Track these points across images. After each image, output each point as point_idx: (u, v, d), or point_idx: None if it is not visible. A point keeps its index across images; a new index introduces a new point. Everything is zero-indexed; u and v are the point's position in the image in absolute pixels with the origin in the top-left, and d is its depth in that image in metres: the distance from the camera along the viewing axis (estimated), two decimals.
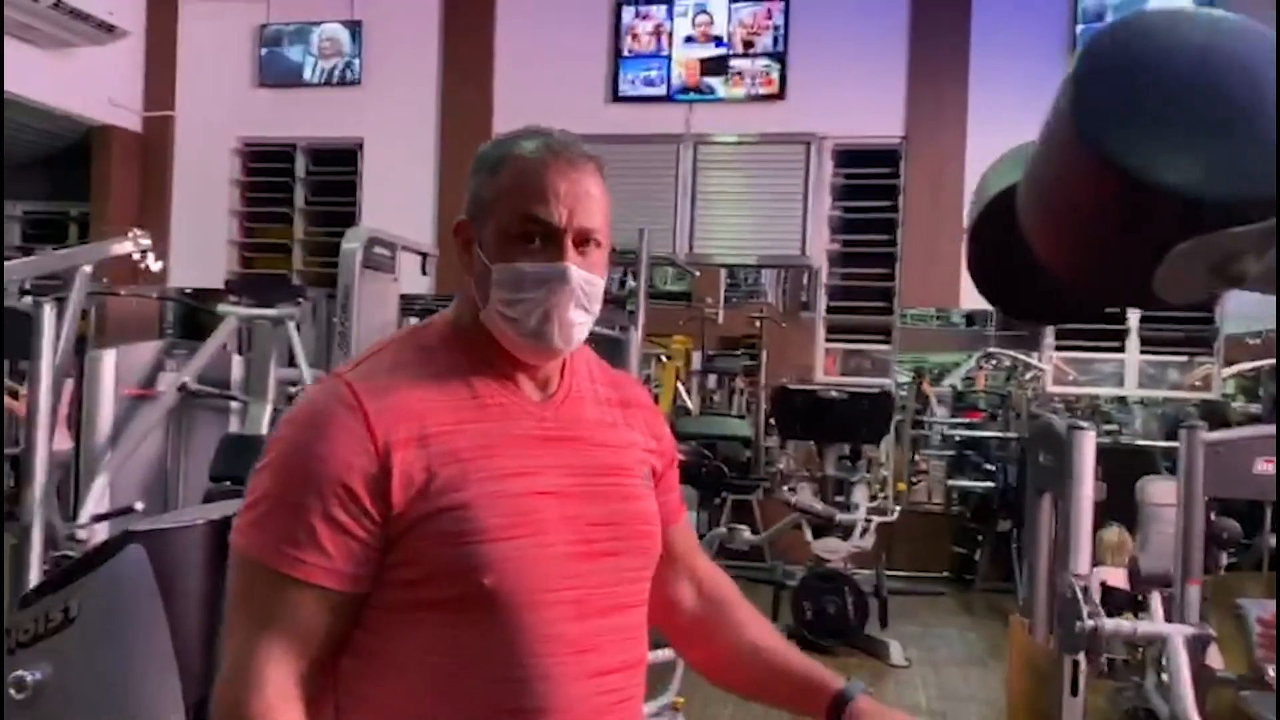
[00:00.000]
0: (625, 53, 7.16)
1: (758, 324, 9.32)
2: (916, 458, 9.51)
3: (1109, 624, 2.55)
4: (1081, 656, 2.84)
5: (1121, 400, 7.96)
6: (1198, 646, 2.57)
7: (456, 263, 1.13)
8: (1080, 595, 2.65)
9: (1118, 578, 3.90)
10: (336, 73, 7.49)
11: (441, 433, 1.03)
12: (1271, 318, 7.18)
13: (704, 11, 7.09)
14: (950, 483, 7.16)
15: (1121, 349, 6.70)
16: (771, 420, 7.09)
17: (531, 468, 1.06)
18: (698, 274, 7.18)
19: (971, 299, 6.98)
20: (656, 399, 6.41)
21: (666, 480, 1.24)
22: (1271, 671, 2.48)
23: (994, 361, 11.58)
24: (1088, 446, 2.90)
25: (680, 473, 1.29)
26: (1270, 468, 3.07)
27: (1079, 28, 6.75)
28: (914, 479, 8.38)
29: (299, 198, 7.54)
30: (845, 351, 7.20)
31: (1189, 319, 6.59)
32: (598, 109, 7.10)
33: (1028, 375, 10.22)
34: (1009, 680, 3.41)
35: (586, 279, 1.07)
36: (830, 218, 6.90)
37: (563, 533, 1.05)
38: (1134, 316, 6.59)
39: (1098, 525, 3.76)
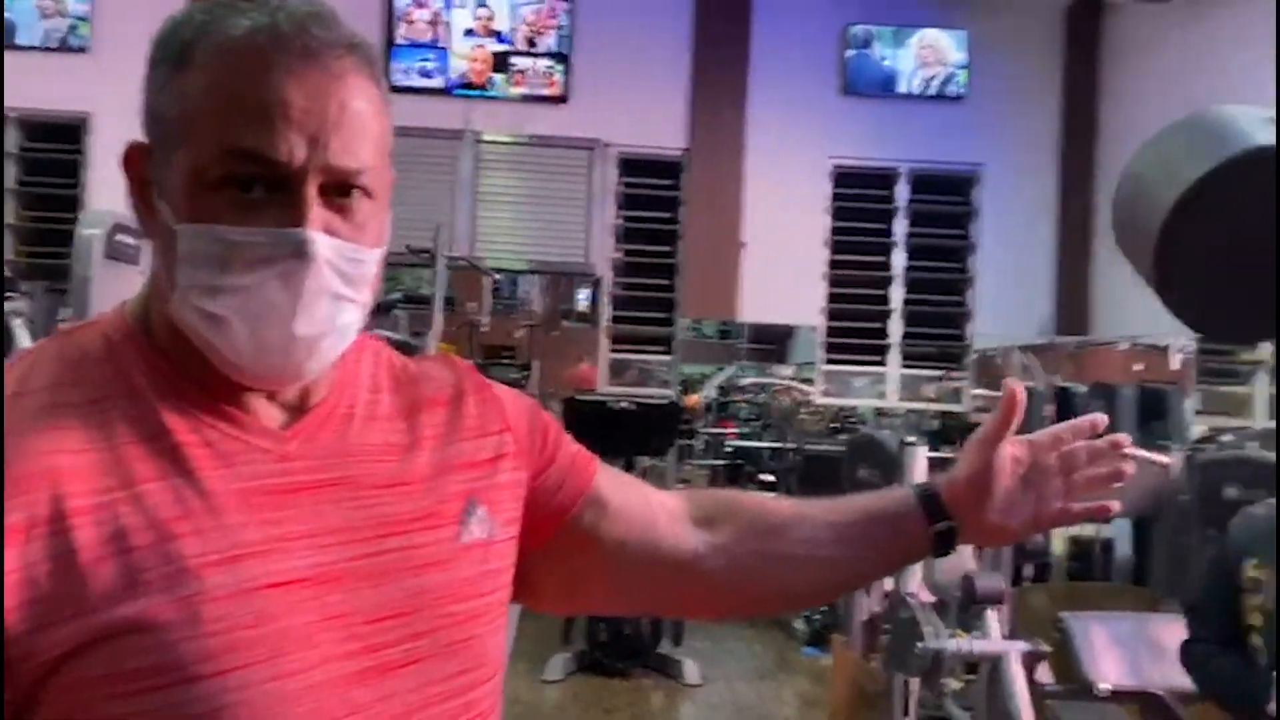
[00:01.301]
0: (398, 40, 6.73)
1: (520, 333, 9.12)
2: (683, 468, 9.61)
3: (951, 644, 2.51)
4: (917, 679, 2.82)
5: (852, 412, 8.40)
6: (1031, 662, 2.59)
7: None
8: (920, 615, 2.62)
9: (924, 592, 3.98)
10: (58, 36, 6.55)
11: (94, 505, 0.62)
12: (1003, 336, 7.78)
13: (484, 4, 6.79)
14: None
15: (883, 363, 7.01)
16: None
17: (262, 543, 0.66)
18: (499, 277, 6.87)
19: (751, 312, 7.11)
20: None
21: (546, 450, 0.86)
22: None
23: (747, 376, 12.02)
24: (920, 461, 2.90)
25: None
26: None
27: (849, 53, 7.03)
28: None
29: (9, 177, 6.51)
30: (611, 361, 7.11)
31: (943, 335, 7.00)
32: None
33: (774, 388, 10.63)
34: (833, 700, 3.37)
35: (342, 252, 0.67)
36: (614, 226, 6.79)
37: (323, 645, 0.67)
38: (896, 332, 6.92)
39: None
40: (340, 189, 0.67)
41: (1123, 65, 6.99)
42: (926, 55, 7.17)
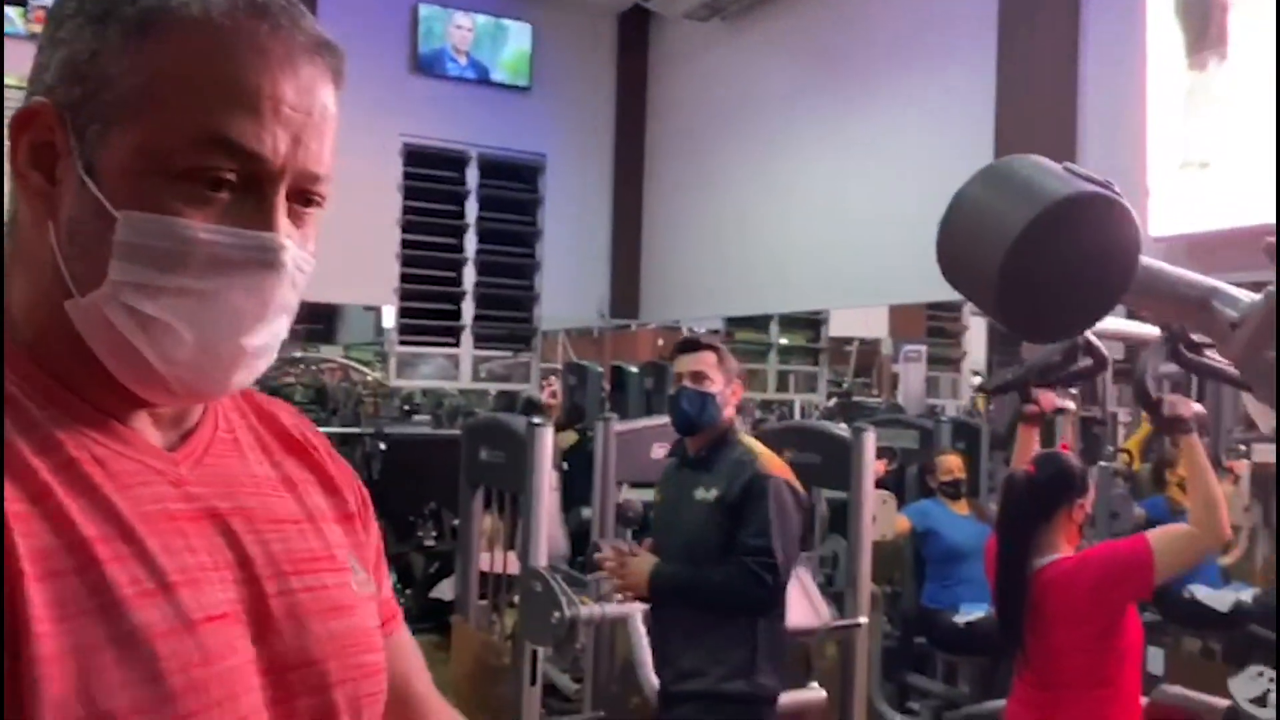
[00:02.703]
0: None
1: None
2: None
3: (585, 611, 2.66)
4: (543, 648, 2.94)
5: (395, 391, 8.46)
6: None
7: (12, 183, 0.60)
8: (555, 586, 2.73)
9: (513, 564, 4.11)
10: None
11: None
12: (566, 319, 8.25)
13: None
14: None
15: (457, 344, 7.10)
16: None
17: (180, 571, 0.58)
18: None
19: (323, 292, 6.79)
20: None
21: (369, 528, 0.77)
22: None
23: (302, 364, 11.61)
24: (546, 441, 3.01)
25: None
26: (663, 452, 3.52)
27: (420, 32, 6.98)
28: None
29: None
30: None
31: (512, 317, 7.25)
32: None
33: (329, 368, 10.36)
34: (454, 678, 3.39)
35: (299, 264, 0.62)
36: None
37: (254, 690, 0.60)
38: (469, 313, 7.03)
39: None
40: (301, 196, 0.62)
41: (667, 70, 7.70)
42: (494, 42, 7.34)
